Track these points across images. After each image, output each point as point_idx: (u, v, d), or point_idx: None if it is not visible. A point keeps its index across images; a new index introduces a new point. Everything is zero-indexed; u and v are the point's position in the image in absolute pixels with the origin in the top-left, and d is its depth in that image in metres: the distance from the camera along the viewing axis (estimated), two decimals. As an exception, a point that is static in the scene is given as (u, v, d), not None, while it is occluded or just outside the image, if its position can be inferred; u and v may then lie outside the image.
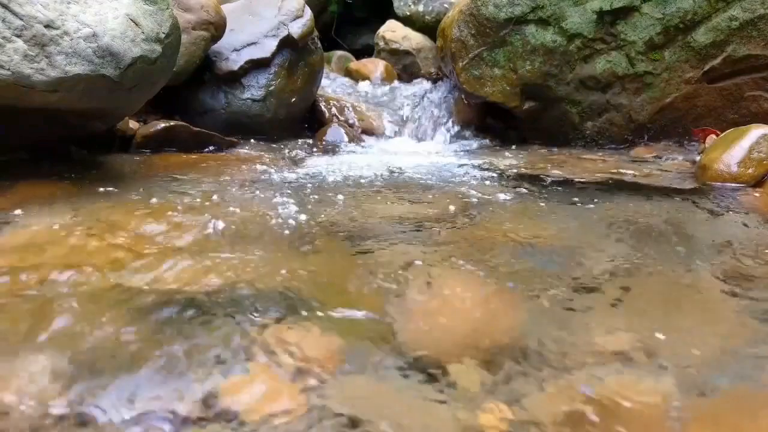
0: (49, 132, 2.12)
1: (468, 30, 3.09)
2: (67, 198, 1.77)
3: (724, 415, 0.89)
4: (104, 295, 1.15)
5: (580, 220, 1.77)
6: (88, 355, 0.95)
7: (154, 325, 1.05)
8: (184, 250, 1.39)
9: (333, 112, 3.35)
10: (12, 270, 1.24)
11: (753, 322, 1.14)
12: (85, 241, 1.44)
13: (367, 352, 1.00)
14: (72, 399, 0.85)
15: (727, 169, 2.18)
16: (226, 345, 1.00)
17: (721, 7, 2.75)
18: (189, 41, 2.78)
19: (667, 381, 0.94)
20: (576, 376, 0.95)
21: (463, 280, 1.32)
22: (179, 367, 0.93)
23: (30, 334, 1.01)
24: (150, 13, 2.01)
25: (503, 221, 1.75)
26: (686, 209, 1.91)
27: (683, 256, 1.49)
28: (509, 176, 2.36)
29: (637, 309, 1.20)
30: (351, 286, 1.26)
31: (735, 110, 2.84)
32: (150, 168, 2.27)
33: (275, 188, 2.04)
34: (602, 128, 3.04)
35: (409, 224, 1.69)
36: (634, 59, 2.89)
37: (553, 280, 1.31)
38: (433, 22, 4.28)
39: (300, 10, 3.25)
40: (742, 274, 1.36)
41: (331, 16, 5.26)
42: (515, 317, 1.16)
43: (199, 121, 2.82)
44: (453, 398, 0.89)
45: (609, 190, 2.13)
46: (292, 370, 0.94)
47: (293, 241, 1.51)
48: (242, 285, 1.22)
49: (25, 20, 1.71)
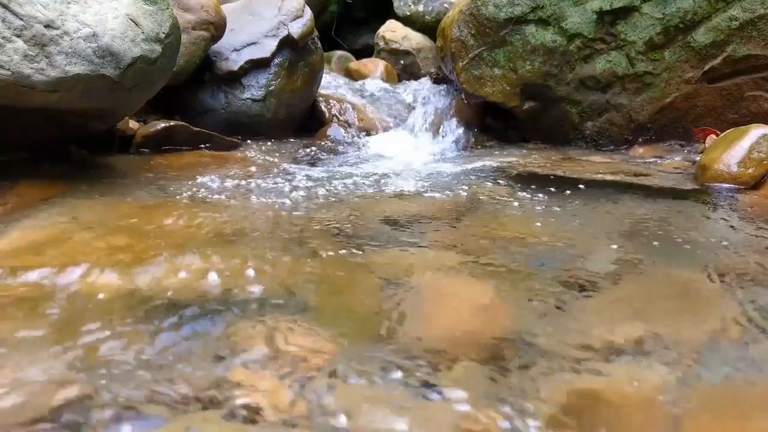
0: (49, 132, 2.12)
1: (468, 30, 3.09)
2: (67, 198, 1.77)
3: (716, 406, 0.89)
4: (104, 295, 1.15)
5: (579, 219, 1.77)
6: (90, 354, 0.95)
7: (153, 325, 1.05)
8: (183, 250, 1.39)
9: (333, 112, 3.35)
10: (12, 270, 1.24)
11: (749, 321, 1.14)
12: (85, 241, 1.44)
13: (366, 352, 1.00)
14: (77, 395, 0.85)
15: (727, 169, 2.18)
16: (225, 344, 1.00)
17: (721, 7, 2.75)
18: (189, 41, 2.78)
19: (663, 376, 0.94)
20: (576, 373, 0.95)
21: (462, 279, 1.32)
22: (178, 364, 0.93)
23: (29, 334, 1.02)
24: (150, 13, 2.01)
25: (503, 221, 1.75)
26: (686, 209, 1.91)
27: (682, 255, 1.49)
28: (509, 176, 2.36)
29: (637, 308, 1.20)
30: (350, 286, 1.26)
31: (735, 110, 2.84)
32: (150, 168, 2.27)
33: (275, 188, 2.04)
34: (602, 128, 3.04)
35: (409, 224, 1.69)
36: (634, 59, 2.89)
37: (552, 279, 1.31)
38: (433, 22, 4.28)
39: (300, 10, 3.25)
40: (741, 274, 1.36)
41: (331, 16, 5.25)
42: (514, 316, 1.16)
43: (199, 121, 2.82)
44: (453, 398, 0.89)
45: (609, 190, 2.13)
46: (288, 369, 0.94)
47: (292, 241, 1.51)
48: (242, 285, 1.22)
49: (25, 20, 1.71)
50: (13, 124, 1.92)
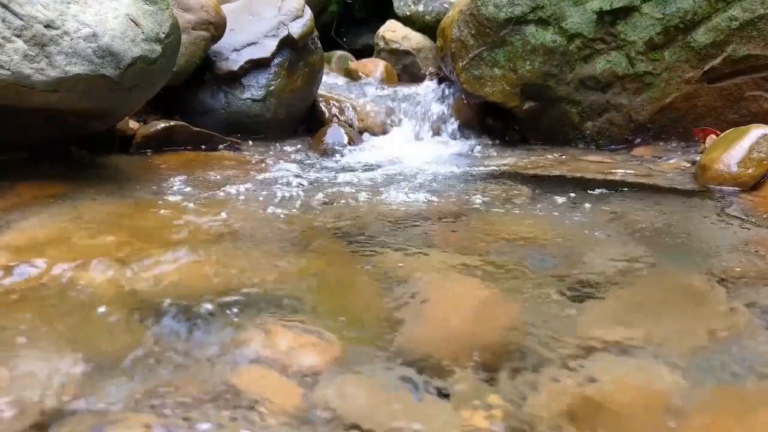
0: (49, 132, 2.12)
1: (468, 30, 3.09)
2: (67, 198, 1.77)
3: (717, 406, 0.89)
4: (105, 295, 1.15)
5: (579, 219, 1.77)
6: (93, 352, 0.95)
7: (154, 325, 1.05)
8: (183, 250, 1.39)
9: (333, 111, 3.35)
10: (11, 270, 1.24)
11: (746, 320, 1.14)
12: (85, 240, 1.44)
13: (366, 351, 1.00)
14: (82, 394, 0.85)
15: (726, 169, 2.18)
16: (224, 344, 1.00)
17: (721, 7, 2.75)
18: (189, 41, 2.78)
19: (663, 376, 0.94)
20: (575, 372, 0.95)
21: (462, 280, 1.32)
22: (178, 361, 0.93)
23: (30, 333, 1.02)
24: (150, 13, 2.01)
25: (502, 221, 1.75)
26: (685, 209, 1.92)
27: (682, 255, 1.49)
28: (509, 176, 2.36)
29: (637, 308, 1.20)
30: (349, 286, 1.26)
31: (735, 110, 2.84)
32: (150, 168, 2.27)
33: (274, 188, 2.04)
34: (602, 128, 3.04)
35: (408, 224, 1.69)
36: (634, 59, 2.89)
37: (552, 279, 1.31)
38: (433, 22, 4.27)
39: (300, 10, 3.25)
40: (741, 274, 1.36)
41: (331, 16, 5.25)
42: (514, 316, 1.16)
43: (199, 121, 2.82)
44: (453, 399, 0.89)
45: (609, 190, 2.13)
46: (289, 369, 0.94)
47: (291, 241, 1.51)
48: (242, 285, 1.22)
49: (25, 20, 1.71)
50: (13, 124, 1.92)
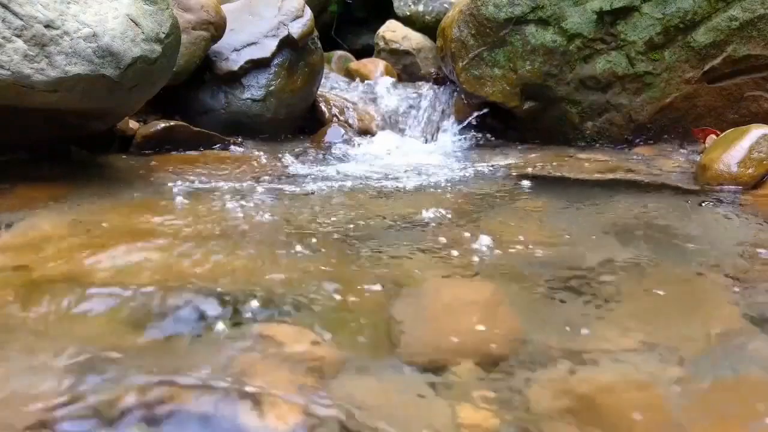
0: (49, 132, 2.12)
1: (468, 30, 3.09)
2: (67, 198, 1.77)
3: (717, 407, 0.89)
4: (105, 294, 1.15)
5: (579, 219, 1.77)
6: (92, 352, 0.95)
7: (150, 325, 1.05)
8: (183, 250, 1.39)
9: (333, 112, 3.35)
10: (11, 270, 1.24)
11: (750, 320, 1.14)
12: (85, 241, 1.44)
13: (366, 351, 1.00)
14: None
15: (726, 169, 2.18)
16: (224, 343, 1.00)
17: (721, 7, 2.75)
18: (189, 41, 2.78)
19: (664, 376, 0.94)
20: (575, 372, 0.95)
21: (463, 280, 1.32)
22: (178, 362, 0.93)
23: (30, 332, 1.02)
24: (150, 13, 2.01)
25: (502, 221, 1.75)
26: (685, 209, 1.91)
27: (683, 255, 1.49)
28: (509, 176, 2.36)
29: (637, 308, 1.20)
30: (351, 287, 1.26)
31: (735, 110, 2.84)
32: (150, 168, 2.27)
33: (275, 188, 2.04)
34: (602, 128, 3.04)
35: (408, 225, 1.69)
36: (634, 59, 2.88)
37: (553, 279, 1.31)
38: (433, 22, 4.27)
39: (300, 10, 3.25)
40: (741, 274, 1.36)
41: (331, 16, 5.25)
42: (516, 317, 1.16)
43: (199, 121, 2.82)
44: (453, 399, 0.89)
45: (609, 190, 2.13)
46: (291, 370, 0.94)
47: (292, 241, 1.51)
48: (242, 285, 1.22)
49: (25, 20, 1.71)
50: (13, 124, 1.93)
